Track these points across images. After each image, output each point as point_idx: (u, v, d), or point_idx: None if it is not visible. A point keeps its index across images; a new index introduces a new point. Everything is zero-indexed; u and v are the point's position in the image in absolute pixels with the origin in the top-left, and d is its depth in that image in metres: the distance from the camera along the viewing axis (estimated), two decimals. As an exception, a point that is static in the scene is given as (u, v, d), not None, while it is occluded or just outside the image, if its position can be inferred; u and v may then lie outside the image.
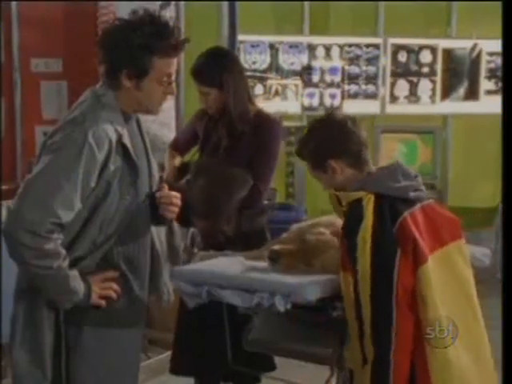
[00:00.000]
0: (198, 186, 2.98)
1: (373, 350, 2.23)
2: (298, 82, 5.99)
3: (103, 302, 2.36)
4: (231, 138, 3.17)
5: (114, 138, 2.30)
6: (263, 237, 3.18)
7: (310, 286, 2.32)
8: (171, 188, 2.52)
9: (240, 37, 5.10)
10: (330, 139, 2.42)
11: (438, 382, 2.24)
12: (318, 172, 2.47)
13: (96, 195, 2.31)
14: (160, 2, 4.77)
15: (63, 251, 2.28)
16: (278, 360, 2.82)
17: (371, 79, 6.10)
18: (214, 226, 3.03)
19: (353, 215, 2.30)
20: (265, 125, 3.18)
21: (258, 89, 5.88)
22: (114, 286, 2.38)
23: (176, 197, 2.49)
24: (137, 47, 2.29)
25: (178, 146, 3.43)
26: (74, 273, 2.31)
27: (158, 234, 2.60)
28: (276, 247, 2.52)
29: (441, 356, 2.24)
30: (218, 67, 3.15)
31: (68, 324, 2.36)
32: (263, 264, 2.55)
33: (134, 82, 2.33)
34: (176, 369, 3.30)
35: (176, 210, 2.49)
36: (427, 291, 2.24)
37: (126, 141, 2.35)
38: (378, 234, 2.23)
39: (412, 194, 2.36)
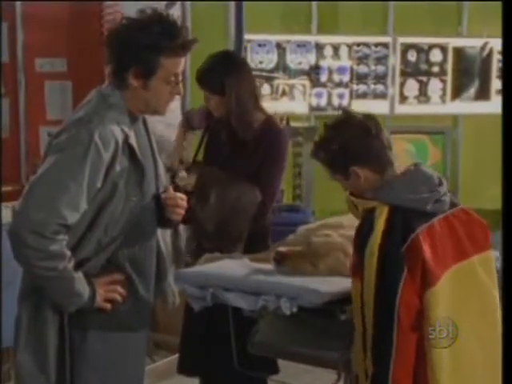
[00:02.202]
0: (208, 209, 2.97)
1: (372, 367, 2.16)
2: (306, 81, 5.95)
3: (108, 305, 2.34)
4: (234, 146, 3.12)
5: (120, 138, 2.28)
6: (265, 238, 3.15)
7: (316, 288, 2.29)
8: (177, 189, 2.53)
9: (247, 36, 5.06)
10: (353, 144, 2.27)
11: None
12: (338, 178, 2.35)
13: (102, 196, 2.28)
14: (166, 2, 4.74)
15: (68, 253, 2.26)
16: (285, 364, 2.78)
17: (380, 79, 6.05)
18: (225, 247, 2.99)
19: (365, 224, 2.22)
20: (273, 137, 3.12)
21: (265, 89, 5.84)
22: (119, 288, 2.36)
23: (182, 198, 2.47)
24: (145, 46, 2.27)
25: (193, 122, 3.37)
26: (79, 275, 2.29)
27: (163, 235, 2.62)
28: (282, 249, 2.49)
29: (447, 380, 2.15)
30: (220, 74, 3.08)
31: (72, 327, 2.34)
32: (269, 266, 2.52)
33: (142, 82, 2.32)
34: (182, 369, 3.26)
35: (182, 212, 2.47)
36: (432, 314, 2.13)
37: (133, 141, 2.33)
38: (386, 250, 2.12)
39: (430, 207, 2.21)
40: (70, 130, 2.26)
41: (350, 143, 2.27)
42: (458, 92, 6.13)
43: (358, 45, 5.98)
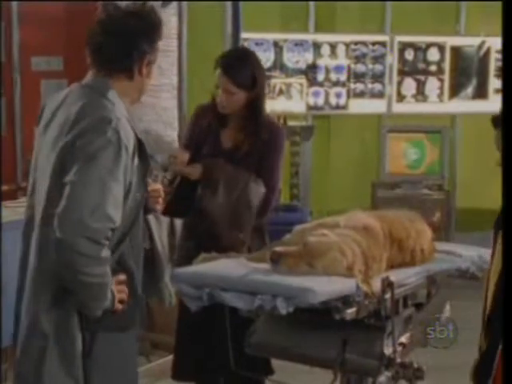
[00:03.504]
0: (218, 199, 2.98)
1: (484, 343, 2.25)
2: (303, 80, 5.94)
3: (121, 306, 2.33)
4: (234, 141, 3.11)
5: (133, 135, 2.30)
6: (262, 236, 3.15)
7: (312, 288, 2.27)
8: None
9: (244, 35, 5.05)
10: None
11: None
12: None
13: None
14: (161, 1, 4.73)
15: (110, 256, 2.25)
16: (284, 364, 2.76)
17: (378, 78, 6.04)
18: (236, 237, 3.02)
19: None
20: (273, 133, 3.13)
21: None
22: (126, 289, 2.35)
23: (161, 189, 2.58)
24: (151, 33, 2.34)
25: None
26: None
27: (160, 235, 2.61)
28: (278, 248, 2.47)
29: None
30: (252, 68, 3.07)
31: (83, 331, 2.32)
32: (266, 266, 2.49)
33: (149, 69, 2.36)
34: (178, 374, 3.24)
35: (162, 202, 2.58)
36: None
37: (141, 136, 2.34)
38: None
39: None
40: (93, 132, 2.21)
41: None
42: (455, 91, 6.12)
43: (356, 43, 5.97)
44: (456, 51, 6.08)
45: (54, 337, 2.30)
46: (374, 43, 6.00)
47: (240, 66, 3.06)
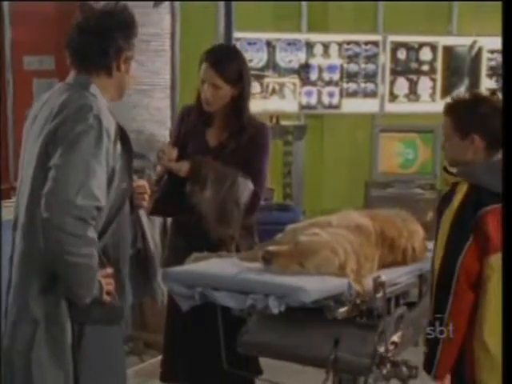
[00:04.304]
0: (206, 195, 2.98)
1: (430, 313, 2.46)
2: (296, 80, 5.94)
3: (108, 298, 2.38)
4: (222, 138, 3.11)
5: (114, 123, 2.38)
6: (251, 235, 3.15)
7: (304, 287, 2.27)
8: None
9: (237, 34, 5.05)
10: (492, 117, 2.49)
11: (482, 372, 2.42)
12: (454, 134, 2.55)
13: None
14: (154, 1, 4.72)
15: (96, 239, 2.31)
16: (277, 364, 2.76)
17: (370, 77, 6.04)
18: (226, 233, 3.03)
19: (448, 194, 2.54)
20: (259, 131, 3.13)
21: (255, 87, 5.82)
22: (113, 282, 2.40)
23: (147, 185, 2.64)
24: (128, 31, 2.42)
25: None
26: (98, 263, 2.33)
27: (152, 234, 2.65)
28: (270, 248, 2.48)
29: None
30: (239, 64, 3.09)
31: (73, 321, 2.36)
32: (258, 265, 2.50)
33: (127, 65, 2.45)
34: (167, 376, 3.24)
35: (147, 198, 2.64)
36: (487, 280, 2.40)
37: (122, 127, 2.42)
38: (458, 218, 2.45)
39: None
40: (75, 118, 2.29)
41: (490, 114, 2.51)
42: (447, 90, 6.12)
43: (348, 43, 5.98)
44: (448, 51, 6.09)
45: (43, 324, 2.33)
46: (366, 43, 6.00)
47: (228, 60, 3.06)
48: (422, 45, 6.06)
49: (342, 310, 2.37)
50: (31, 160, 2.36)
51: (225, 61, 3.05)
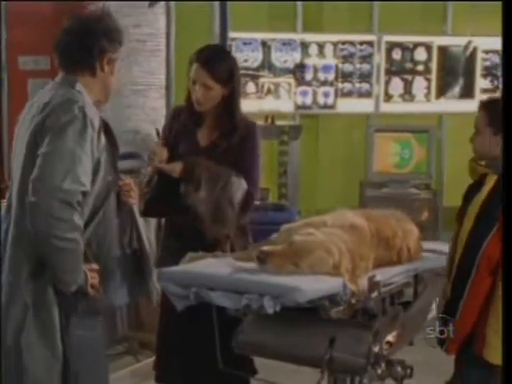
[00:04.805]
0: (201, 195, 2.99)
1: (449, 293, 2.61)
2: (291, 80, 5.94)
3: (92, 291, 2.47)
4: (213, 138, 3.11)
5: (99, 117, 2.52)
6: (245, 235, 3.15)
7: (299, 287, 2.27)
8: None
9: (232, 34, 5.05)
10: None
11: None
12: (487, 129, 2.69)
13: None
14: (149, 1, 4.72)
15: (81, 225, 2.40)
16: (273, 364, 2.76)
17: (365, 77, 6.05)
18: (221, 233, 3.04)
19: (474, 184, 2.70)
20: (250, 130, 3.14)
21: (250, 87, 5.83)
22: (97, 276, 2.50)
23: (133, 183, 2.75)
24: (112, 34, 2.58)
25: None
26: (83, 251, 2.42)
27: (148, 234, 2.66)
28: (265, 248, 2.47)
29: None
30: (230, 64, 3.10)
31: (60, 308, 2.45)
32: (253, 265, 2.49)
33: (111, 67, 2.59)
34: (162, 377, 3.23)
35: (135, 195, 2.75)
36: None
37: (107, 121, 2.57)
38: (485, 210, 2.59)
39: None
40: (62, 110, 2.43)
41: None
42: (442, 90, 6.14)
43: (343, 43, 5.98)
44: (443, 51, 6.10)
45: (32, 308, 2.42)
46: (361, 43, 6.01)
47: (218, 60, 3.06)
48: (416, 45, 6.07)
49: (337, 309, 2.37)
50: (21, 150, 2.48)
51: (215, 61, 3.05)
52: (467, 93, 6.16)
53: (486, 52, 6.09)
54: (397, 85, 6.10)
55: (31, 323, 2.42)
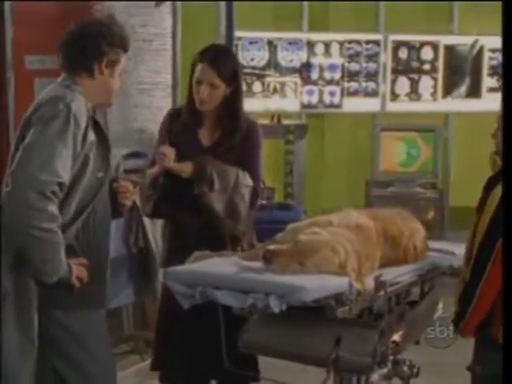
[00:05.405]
0: (218, 196, 3.03)
1: (468, 274, 2.50)
2: (297, 79, 5.94)
3: (78, 284, 2.50)
4: (215, 137, 3.12)
5: (87, 114, 2.55)
6: (251, 235, 3.16)
7: (305, 286, 2.27)
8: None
9: (238, 33, 5.06)
10: None
11: None
12: None
13: (76, 167, 2.50)
14: (155, 0, 4.73)
15: (59, 216, 2.43)
16: (281, 363, 2.75)
17: (371, 76, 6.05)
18: (238, 230, 3.08)
19: (494, 176, 2.58)
20: (251, 128, 3.15)
21: (257, 86, 5.84)
22: (85, 270, 2.53)
23: (130, 185, 2.78)
24: (113, 39, 2.61)
25: None
26: (63, 242, 2.44)
27: (154, 234, 2.66)
28: (271, 247, 2.47)
29: None
30: (234, 63, 3.14)
31: (47, 303, 2.49)
32: (259, 264, 2.49)
33: (110, 70, 2.61)
34: (166, 376, 3.22)
35: (132, 197, 2.79)
36: None
37: (98, 118, 2.61)
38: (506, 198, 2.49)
39: None
40: (48, 105, 2.49)
41: None
42: (448, 90, 6.13)
43: (350, 42, 5.98)
44: (449, 50, 6.09)
45: (12, 298, 2.45)
46: (367, 42, 6.01)
47: (224, 58, 3.09)
48: (423, 44, 6.06)
49: (343, 309, 2.37)
50: (13, 146, 2.56)
51: (221, 59, 3.08)
52: (474, 92, 6.15)
53: (493, 51, 6.07)
54: (403, 84, 6.10)
55: (10, 313, 2.45)
